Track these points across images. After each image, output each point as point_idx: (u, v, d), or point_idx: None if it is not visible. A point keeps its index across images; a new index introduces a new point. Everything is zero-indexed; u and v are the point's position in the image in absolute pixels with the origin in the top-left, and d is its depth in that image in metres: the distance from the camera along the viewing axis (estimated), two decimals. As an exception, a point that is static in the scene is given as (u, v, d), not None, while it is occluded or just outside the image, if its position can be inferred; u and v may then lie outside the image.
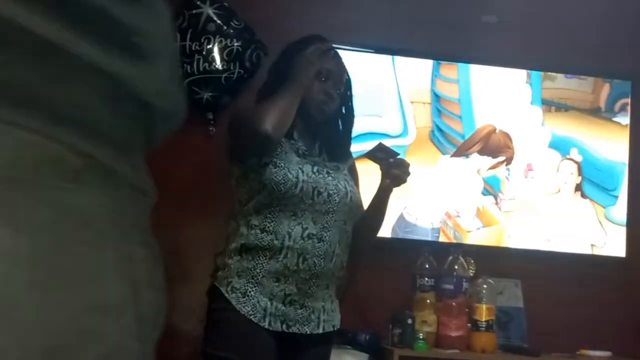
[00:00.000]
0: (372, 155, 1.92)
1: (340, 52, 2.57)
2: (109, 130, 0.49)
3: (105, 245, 0.48)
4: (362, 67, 2.63)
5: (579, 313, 2.67)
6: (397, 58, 2.66)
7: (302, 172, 1.78)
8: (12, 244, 0.42)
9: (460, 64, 2.70)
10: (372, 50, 2.65)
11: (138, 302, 0.50)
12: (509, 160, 2.71)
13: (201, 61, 2.54)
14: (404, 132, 2.66)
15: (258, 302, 1.73)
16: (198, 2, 2.54)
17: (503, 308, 2.57)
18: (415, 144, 2.66)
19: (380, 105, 2.66)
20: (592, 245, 2.69)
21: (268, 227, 1.77)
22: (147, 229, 0.55)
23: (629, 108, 2.76)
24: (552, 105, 2.74)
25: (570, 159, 2.72)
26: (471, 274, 2.52)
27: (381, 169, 1.90)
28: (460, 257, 2.52)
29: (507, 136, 2.72)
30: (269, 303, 1.74)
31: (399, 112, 2.66)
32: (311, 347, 1.81)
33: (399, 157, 1.92)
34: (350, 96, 1.98)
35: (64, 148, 0.45)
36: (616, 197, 2.72)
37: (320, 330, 1.80)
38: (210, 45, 2.54)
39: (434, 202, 2.64)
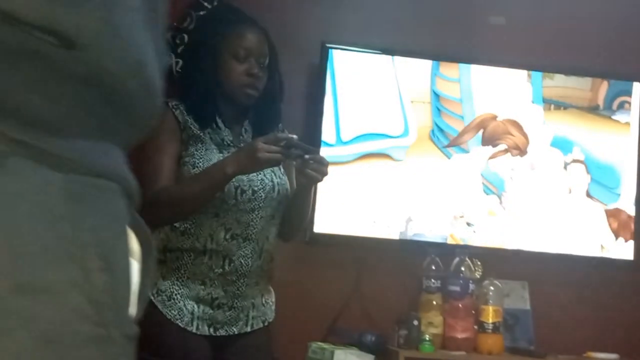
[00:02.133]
0: (286, 153, 1.66)
1: (342, 52, 2.61)
2: (44, 115, 0.47)
3: (36, 229, 0.46)
4: (363, 67, 2.63)
5: (586, 315, 2.65)
6: (397, 57, 2.65)
7: None
8: None
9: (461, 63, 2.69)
10: (378, 51, 2.65)
11: (90, 285, 0.48)
12: (512, 149, 2.68)
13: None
14: (405, 132, 2.65)
15: (184, 305, 1.67)
16: (205, 3, 2.55)
17: (510, 310, 2.56)
18: (416, 144, 2.65)
19: (380, 106, 2.65)
20: (601, 246, 2.68)
21: (189, 229, 1.69)
22: (113, 215, 0.53)
23: (627, 106, 2.76)
24: (551, 104, 2.73)
25: (578, 161, 2.71)
26: (478, 276, 2.51)
27: (296, 166, 1.74)
28: (467, 259, 2.51)
29: (511, 123, 2.68)
30: (195, 306, 1.68)
31: (400, 112, 2.65)
32: (241, 346, 1.75)
33: (315, 153, 1.73)
34: (276, 65, 1.83)
35: None
36: (618, 195, 2.71)
37: (249, 329, 1.74)
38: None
39: (438, 203, 2.63)
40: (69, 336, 0.47)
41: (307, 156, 1.67)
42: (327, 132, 2.56)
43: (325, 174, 1.70)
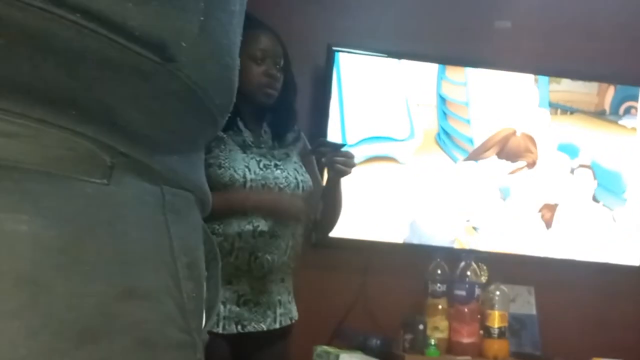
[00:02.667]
0: (315, 151, 1.86)
1: (349, 55, 2.60)
2: (143, 130, 0.50)
3: (140, 235, 0.49)
4: (369, 70, 2.62)
5: (592, 321, 2.64)
6: (403, 60, 2.64)
7: (249, 170, 1.73)
8: (40, 232, 0.43)
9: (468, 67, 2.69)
10: (384, 55, 2.65)
11: (179, 293, 0.51)
12: (530, 165, 2.69)
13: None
14: (411, 135, 2.65)
15: None
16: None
17: (516, 315, 2.55)
18: (422, 147, 2.65)
19: (386, 109, 2.64)
20: (607, 252, 2.67)
21: (217, 229, 1.70)
22: (196, 226, 0.56)
23: (633, 111, 2.75)
24: (558, 108, 2.73)
25: (585, 166, 2.70)
26: (484, 280, 2.50)
27: (325, 162, 1.82)
28: (473, 263, 2.50)
29: (529, 139, 2.69)
30: (221, 306, 1.68)
31: (405, 115, 2.65)
32: (269, 343, 1.76)
33: (343, 148, 1.84)
34: (289, 67, 1.89)
35: (94, 146, 0.47)
36: (625, 200, 2.70)
37: (278, 325, 1.75)
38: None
39: (445, 207, 2.63)
40: (162, 341, 0.49)
41: (336, 152, 1.78)
42: (333, 134, 2.55)
43: (353, 165, 1.81)
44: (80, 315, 0.43)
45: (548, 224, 2.67)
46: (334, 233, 2.52)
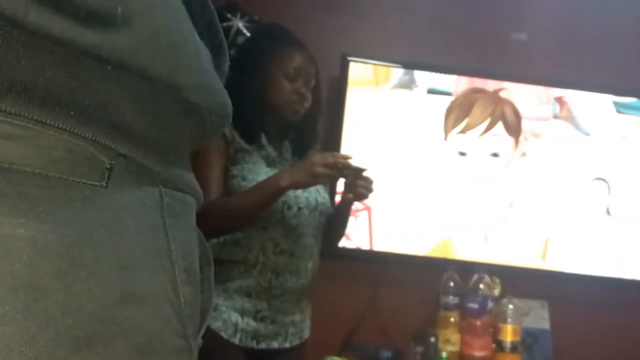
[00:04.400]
0: (341, 173, 1.82)
1: (368, 65, 2.60)
2: (142, 131, 0.50)
3: (139, 240, 0.48)
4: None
5: (606, 336, 2.61)
6: (417, 72, 2.63)
7: None
8: (38, 236, 0.43)
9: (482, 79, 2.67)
10: (399, 65, 2.64)
11: (177, 297, 0.50)
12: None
13: (230, 73, 2.56)
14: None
15: (229, 317, 1.69)
16: (228, 15, 2.56)
17: (529, 329, 2.52)
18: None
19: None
20: (623, 267, 2.63)
21: (241, 241, 1.71)
22: (192, 229, 0.55)
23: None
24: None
25: (600, 179, 2.67)
26: (496, 294, 2.48)
27: (346, 183, 1.80)
28: (486, 276, 2.48)
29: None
30: (240, 318, 1.69)
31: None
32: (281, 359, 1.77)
33: (364, 172, 1.81)
34: (319, 88, 1.89)
35: (93, 148, 0.47)
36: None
37: (288, 345, 1.76)
38: (240, 58, 2.56)
39: (460, 219, 2.61)
40: (160, 347, 0.48)
41: (358, 175, 1.75)
42: (346, 146, 2.55)
43: (372, 191, 1.77)
44: (78, 320, 0.43)
45: (563, 238, 2.63)
46: (345, 243, 2.52)
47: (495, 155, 2.63)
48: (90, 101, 0.46)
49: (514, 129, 2.63)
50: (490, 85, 2.65)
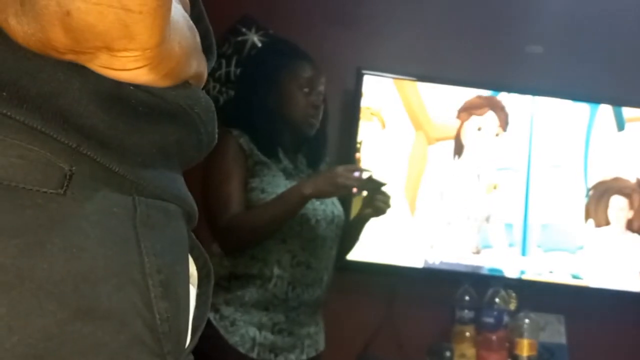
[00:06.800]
0: (362, 186, 1.84)
1: (379, 78, 2.60)
2: (110, 135, 0.46)
3: (101, 251, 0.45)
4: (395, 93, 2.62)
5: (624, 352, 2.57)
6: (432, 85, 2.63)
7: None
8: None
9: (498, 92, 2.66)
10: (414, 78, 2.64)
11: (151, 313, 0.47)
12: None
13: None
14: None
15: (247, 331, 1.69)
16: (243, 29, 2.58)
17: (545, 344, 2.49)
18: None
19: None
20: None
21: (257, 254, 1.71)
22: (175, 240, 0.51)
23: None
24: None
25: (622, 195, 2.64)
26: (512, 308, 2.46)
27: (365, 197, 1.83)
28: (502, 290, 2.46)
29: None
30: (257, 332, 1.69)
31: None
32: None
33: (384, 188, 1.84)
34: (326, 97, 1.91)
35: (50, 153, 0.43)
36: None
37: (305, 357, 1.77)
38: (255, 72, 2.57)
39: (472, 232, 2.60)
40: None
41: (379, 190, 1.78)
42: (361, 160, 2.55)
43: (390, 206, 1.82)
44: (24, 338, 0.40)
45: (580, 251, 2.61)
46: (359, 256, 2.51)
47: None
48: (47, 103, 0.43)
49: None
50: (504, 97, 2.64)
